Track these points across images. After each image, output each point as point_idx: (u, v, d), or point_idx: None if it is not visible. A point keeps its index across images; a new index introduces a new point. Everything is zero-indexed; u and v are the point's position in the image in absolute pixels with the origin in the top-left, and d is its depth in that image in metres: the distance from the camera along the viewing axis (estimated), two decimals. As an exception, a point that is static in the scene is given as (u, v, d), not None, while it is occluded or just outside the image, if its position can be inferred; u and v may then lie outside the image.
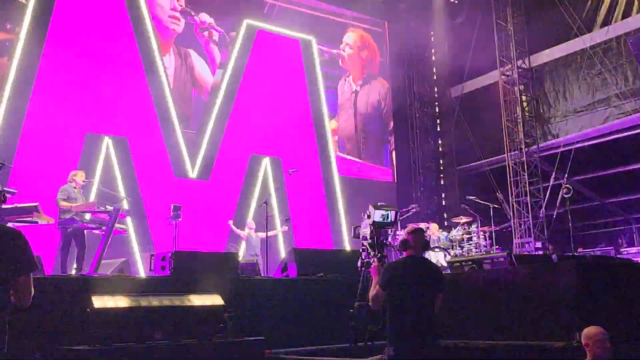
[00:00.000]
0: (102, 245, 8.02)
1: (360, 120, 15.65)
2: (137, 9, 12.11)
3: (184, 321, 4.82)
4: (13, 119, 10.36)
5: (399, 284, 4.37)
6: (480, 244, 12.29)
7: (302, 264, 7.66)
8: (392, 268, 4.53)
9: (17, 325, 3.33)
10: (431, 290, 4.44)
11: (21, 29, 10.71)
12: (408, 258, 4.52)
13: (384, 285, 4.37)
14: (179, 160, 12.20)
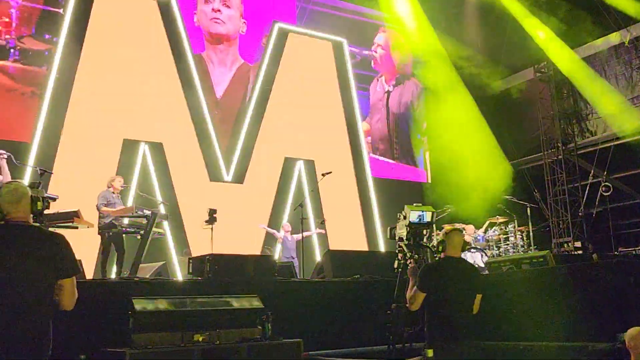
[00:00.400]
0: (141, 249, 8.15)
1: (393, 121, 15.58)
2: (169, 13, 12.28)
3: (222, 323, 4.87)
4: (53, 127, 10.60)
5: (437, 286, 4.35)
6: (518, 244, 12.13)
7: (338, 266, 7.66)
8: (430, 269, 4.51)
9: (61, 328, 3.41)
10: (470, 291, 4.40)
11: (59, 39, 10.95)
12: (446, 259, 4.49)
13: (422, 286, 4.35)
14: (214, 164, 12.32)
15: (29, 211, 3.40)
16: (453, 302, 4.31)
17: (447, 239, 4.49)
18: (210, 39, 12.98)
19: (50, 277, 3.32)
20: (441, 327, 4.31)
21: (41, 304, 3.26)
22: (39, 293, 3.26)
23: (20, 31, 10.70)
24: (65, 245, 3.40)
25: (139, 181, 11.11)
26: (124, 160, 11.16)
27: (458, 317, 4.30)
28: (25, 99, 10.63)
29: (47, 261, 3.30)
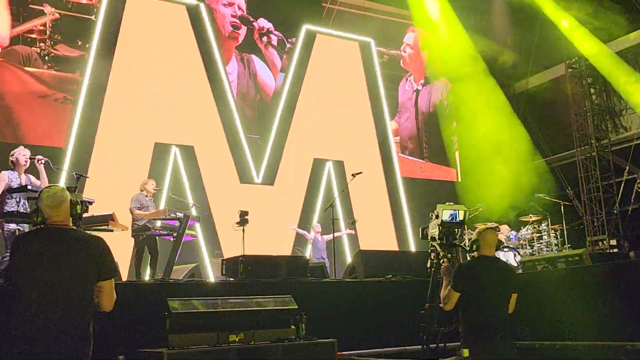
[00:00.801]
0: (174, 251, 8.25)
1: (422, 120, 15.51)
2: (199, 20, 12.41)
3: (257, 323, 4.90)
4: (86, 132, 10.80)
5: (471, 285, 4.31)
6: (552, 243, 11.96)
7: (370, 266, 7.66)
8: (465, 269, 4.47)
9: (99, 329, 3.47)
10: (505, 291, 4.36)
11: (91, 45, 11.15)
12: (480, 258, 4.45)
13: (456, 286, 4.32)
14: (244, 166, 12.40)
15: (68, 215, 3.47)
16: (488, 301, 4.27)
17: (480, 237, 4.44)
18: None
19: (91, 279, 3.38)
20: (476, 326, 4.27)
21: (82, 306, 3.32)
22: (80, 295, 3.33)
23: (54, 39, 10.92)
24: (105, 248, 3.46)
25: (171, 184, 11.24)
26: (155, 163, 11.31)
27: (493, 317, 4.25)
28: (59, 105, 10.84)
29: (87, 264, 3.36)
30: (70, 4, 11.24)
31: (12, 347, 3.19)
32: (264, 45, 13.39)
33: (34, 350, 3.15)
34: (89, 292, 3.38)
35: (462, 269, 4.44)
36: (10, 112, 10.33)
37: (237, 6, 13.15)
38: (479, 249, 4.44)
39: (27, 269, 3.28)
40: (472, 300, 4.28)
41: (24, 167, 7.16)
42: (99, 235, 3.61)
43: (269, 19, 13.49)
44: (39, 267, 3.27)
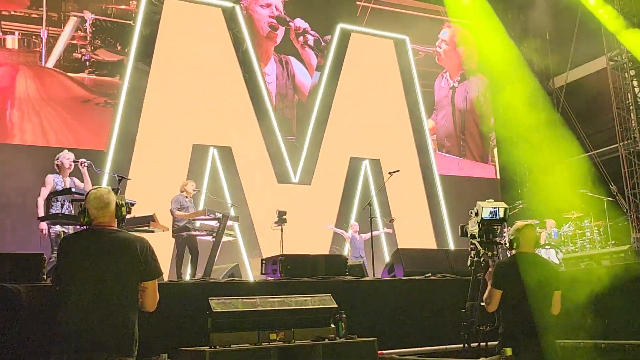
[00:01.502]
0: (214, 251, 8.35)
1: (459, 117, 15.35)
2: (235, 22, 12.53)
3: (297, 322, 4.93)
4: (127, 135, 11.00)
5: (512, 283, 4.26)
6: (595, 240, 11.70)
7: (409, 264, 7.62)
8: (504, 266, 4.42)
9: (142, 328, 3.54)
10: (546, 288, 4.29)
11: (130, 49, 11.36)
12: (520, 255, 4.39)
13: (497, 284, 4.28)
14: (281, 166, 12.47)
15: (114, 216, 3.55)
16: (529, 298, 4.20)
17: (520, 235, 4.40)
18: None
19: (135, 279, 3.45)
20: (518, 324, 4.22)
21: (128, 305, 3.39)
22: (125, 295, 3.40)
23: (94, 44, 11.16)
24: (149, 249, 3.53)
25: (209, 185, 11.37)
26: (194, 164, 11.46)
27: (535, 314, 4.19)
28: (100, 109, 11.08)
29: (132, 264, 3.43)
30: (109, 9, 11.46)
31: (60, 346, 3.27)
32: (300, 45, 13.44)
33: (82, 349, 3.23)
34: (133, 292, 3.45)
35: (502, 267, 4.39)
36: (54, 117, 10.61)
37: (275, 7, 13.22)
38: (518, 247, 4.39)
39: (74, 269, 3.36)
40: (513, 298, 4.23)
41: (68, 171, 7.35)
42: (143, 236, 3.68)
43: (305, 19, 13.53)
44: (85, 268, 3.35)
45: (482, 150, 15.59)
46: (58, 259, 3.50)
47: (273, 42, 13.18)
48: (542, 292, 4.26)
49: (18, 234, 9.47)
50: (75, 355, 3.23)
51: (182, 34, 11.90)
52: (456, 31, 15.67)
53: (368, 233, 10.48)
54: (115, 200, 3.55)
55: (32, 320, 4.67)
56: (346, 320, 5.24)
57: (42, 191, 7.10)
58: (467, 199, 6.94)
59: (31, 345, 4.60)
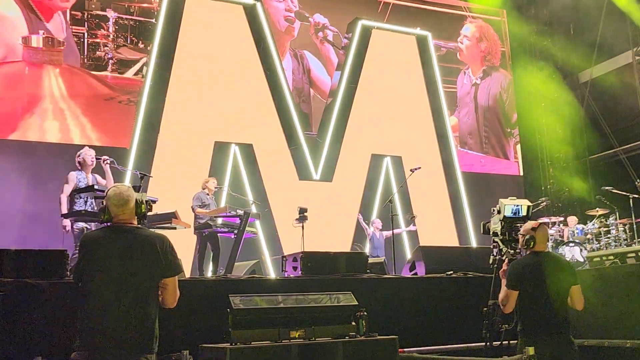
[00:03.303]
0: (235, 248, 8.39)
1: (482, 114, 15.21)
2: (256, 18, 12.54)
3: (317, 320, 4.91)
4: (149, 132, 11.10)
5: (528, 283, 4.29)
6: (620, 237, 11.53)
7: (430, 262, 7.57)
8: (519, 266, 4.44)
9: (163, 324, 3.56)
10: (563, 284, 4.30)
11: (152, 48, 11.44)
12: (533, 254, 4.43)
13: (513, 284, 4.30)
14: (303, 163, 12.47)
15: (134, 213, 3.58)
16: (546, 296, 4.24)
17: (535, 234, 4.43)
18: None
19: (155, 276, 3.48)
20: (537, 322, 4.24)
21: (149, 302, 3.43)
22: (147, 291, 3.43)
23: (117, 42, 11.26)
24: (169, 246, 3.56)
25: (231, 182, 11.41)
26: (215, 162, 11.52)
27: (553, 312, 4.23)
28: (123, 106, 11.19)
29: (152, 261, 3.46)
30: (132, 8, 11.56)
31: (81, 343, 3.31)
32: (320, 41, 13.42)
33: (103, 345, 3.27)
34: (154, 289, 3.49)
35: (517, 267, 4.41)
36: (77, 115, 10.73)
37: (290, 0, 13.22)
38: (534, 246, 4.40)
39: (95, 266, 3.40)
40: (530, 297, 4.26)
41: (90, 167, 7.43)
42: (163, 234, 3.70)
43: (324, 14, 13.51)
44: (106, 265, 3.39)
45: (505, 146, 15.44)
46: (79, 255, 3.53)
47: (290, 35, 13.19)
48: (558, 289, 4.28)
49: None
50: (96, 352, 3.27)
51: (203, 32, 11.96)
52: (478, 26, 15.53)
53: (389, 231, 10.45)
54: (135, 197, 3.58)
55: (55, 317, 4.72)
56: (367, 318, 5.22)
57: (65, 188, 7.19)
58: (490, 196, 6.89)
59: (53, 342, 4.65)
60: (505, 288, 4.35)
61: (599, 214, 11.91)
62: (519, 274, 4.33)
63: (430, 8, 14.98)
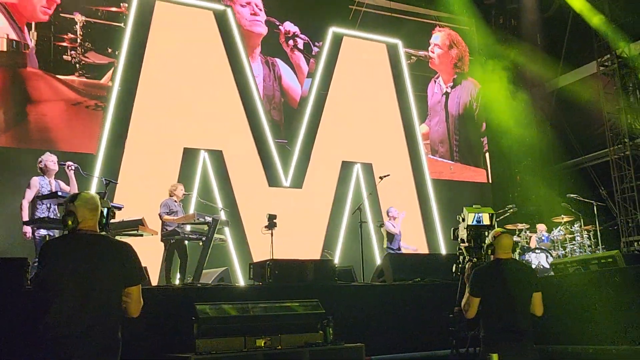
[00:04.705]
0: (203, 255, 8.32)
1: (453, 122, 15.36)
2: (226, 25, 12.50)
3: (284, 328, 4.90)
4: (117, 138, 10.93)
5: (489, 290, 4.33)
6: (585, 244, 11.74)
7: (398, 269, 7.61)
8: (481, 273, 4.48)
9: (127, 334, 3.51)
10: (524, 291, 4.35)
11: (121, 52, 11.32)
12: (495, 261, 4.48)
13: (474, 291, 4.33)
14: (272, 170, 12.44)
15: (97, 221, 3.53)
16: (507, 303, 4.28)
17: (495, 242, 4.47)
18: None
19: (119, 285, 3.43)
20: (499, 329, 4.27)
21: (112, 311, 3.38)
22: (110, 300, 3.38)
23: (84, 46, 11.11)
24: (133, 254, 3.51)
25: (200, 188, 11.32)
26: (185, 168, 11.41)
27: (514, 319, 4.26)
28: (91, 111, 11.01)
29: (115, 270, 3.42)
30: (100, 12, 11.42)
31: (44, 352, 3.25)
32: (290, 49, 13.42)
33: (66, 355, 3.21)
34: (118, 298, 3.44)
35: (479, 273, 4.45)
36: (43, 119, 10.53)
37: (254, 4, 13.19)
38: (494, 253, 4.45)
39: (58, 274, 3.33)
40: (491, 304, 4.29)
41: (53, 172, 7.30)
42: (127, 241, 3.66)
43: (295, 22, 13.51)
44: (70, 273, 3.32)
45: (475, 154, 15.61)
46: (41, 264, 3.45)
47: (258, 43, 13.13)
48: (519, 296, 4.32)
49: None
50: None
51: (173, 37, 11.85)
52: (448, 34, 15.71)
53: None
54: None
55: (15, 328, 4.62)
56: (334, 326, 5.22)
57: (27, 193, 7.04)
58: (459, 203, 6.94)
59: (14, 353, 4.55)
60: (467, 294, 4.39)
61: (564, 221, 12.11)
62: (480, 280, 4.37)
63: (401, 16, 15.09)
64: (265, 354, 4.63)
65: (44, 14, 10.86)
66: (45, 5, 10.84)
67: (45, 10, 10.86)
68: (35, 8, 10.78)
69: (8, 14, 10.46)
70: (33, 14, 10.76)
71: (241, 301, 5.21)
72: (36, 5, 10.78)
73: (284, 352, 4.73)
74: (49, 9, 10.88)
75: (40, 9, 10.81)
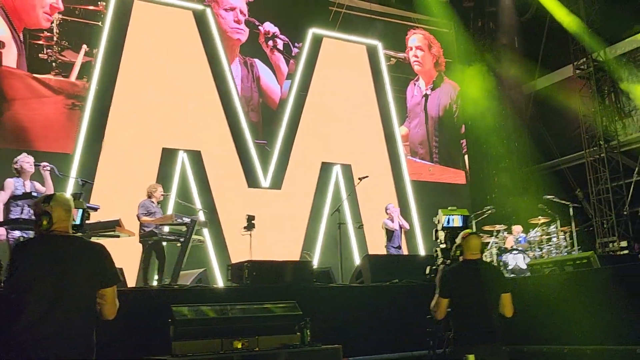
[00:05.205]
0: (181, 256, 8.25)
1: (432, 124, 15.45)
2: (206, 25, 12.44)
3: (261, 330, 4.88)
4: (94, 138, 10.82)
5: (457, 290, 4.35)
6: (561, 245, 11.87)
7: (377, 270, 7.63)
8: (448, 274, 4.50)
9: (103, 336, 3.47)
10: (492, 293, 4.38)
11: (98, 51, 11.20)
12: (464, 262, 4.51)
13: (442, 292, 4.36)
14: (252, 170, 12.40)
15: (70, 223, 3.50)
16: (475, 304, 4.31)
17: (463, 243, 4.50)
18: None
19: (93, 286, 3.40)
20: (468, 330, 4.29)
21: (86, 313, 3.35)
22: (84, 302, 3.35)
23: (61, 44, 10.98)
24: (106, 255, 3.48)
25: (178, 189, 11.25)
26: (163, 169, 11.32)
27: (482, 319, 4.28)
28: (67, 110, 10.88)
29: (89, 271, 3.38)
30: (78, 10, 11.29)
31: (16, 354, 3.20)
32: (270, 49, 13.39)
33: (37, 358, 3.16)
34: (92, 300, 3.41)
35: (447, 274, 4.48)
36: (18, 119, 10.37)
37: (239, 10, 13.15)
38: (462, 254, 4.48)
39: (30, 276, 3.29)
40: (460, 305, 4.32)
41: (29, 174, 7.19)
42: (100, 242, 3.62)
43: (275, 23, 13.49)
44: (43, 275, 3.29)
45: (454, 156, 15.71)
46: (13, 266, 3.40)
47: (238, 40, 13.08)
48: (489, 296, 4.35)
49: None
50: (32, 366, 3.16)
51: (151, 36, 11.77)
52: (427, 38, 15.80)
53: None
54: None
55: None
56: (312, 327, 5.21)
57: (1, 195, 6.93)
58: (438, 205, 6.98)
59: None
60: (436, 295, 4.41)
61: (541, 222, 12.24)
62: (448, 281, 4.40)
63: (381, 18, 15.15)
64: (243, 356, 4.61)
65: (47, 21, 10.87)
66: (48, 12, 10.80)
67: (47, 17, 10.87)
68: (38, 15, 10.75)
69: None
70: (36, 21, 10.77)
71: (219, 303, 5.18)
72: (38, 12, 10.71)
73: (261, 354, 4.72)
74: (50, 15, 10.89)
75: (43, 16, 10.80)
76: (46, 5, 10.86)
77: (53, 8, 10.92)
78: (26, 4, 10.71)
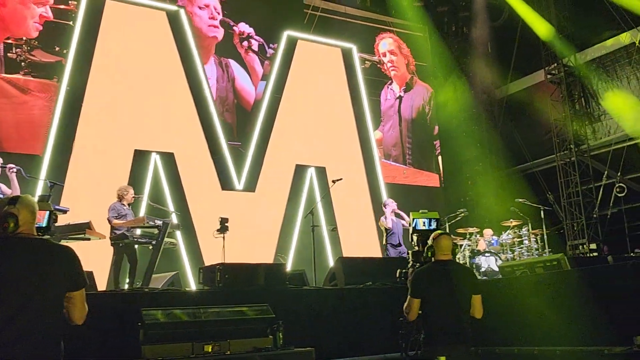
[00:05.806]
0: (153, 259, 8.16)
1: (405, 126, 15.53)
2: (179, 25, 12.35)
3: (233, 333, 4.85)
4: (64, 139, 10.65)
5: (428, 291, 4.36)
6: (532, 248, 12.02)
7: (350, 273, 7.63)
8: (420, 274, 4.51)
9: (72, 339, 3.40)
10: (462, 294, 4.38)
11: (69, 51, 11.04)
12: (435, 263, 4.50)
13: (414, 292, 4.36)
14: (226, 173, 12.32)
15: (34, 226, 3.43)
16: (445, 305, 4.31)
17: (435, 244, 4.51)
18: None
19: (60, 290, 3.32)
20: (439, 331, 4.29)
21: (51, 317, 3.26)
22: (52, 307, 3.26)
23: (30, 44, 10.79)
24: (75, 257, 3.40)
25: (151, 191, 11.13)
26: (135, 170, 11.19)
27: (452, 320, 4.29)
28: (36, 111, 10.70)
29: (55, 274, 3.30)
30: (48, 9, 11.12)
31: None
32: (245, 50, 13.33)
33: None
34: (59, 303, 3.32)
35: (418, 275, 4.48)
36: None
37: (213, 7, 13.08)
38: (434, 255, 4.48)
39: (-4, 279, 3.21)
40: (430, 306, 4.32)
41: (-4, 176, 7.06)
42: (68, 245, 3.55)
43: (250, 24, 13.44)
44: (8, 278, 3.20)
45: (427, 158, 15.81)
46: (-24, 269, 3.32)
47: (214, 39, 13.01)
48: (458, 298, 4.35)
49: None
50: (-3, 370, 3.08)
51: (123, 36, 11.64)
52: (401, 42, 15.89)
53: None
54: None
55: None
56: (284, 330, 5.19)
57: (-34, 197, 6.78)
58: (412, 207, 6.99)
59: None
60: (408, 296, 4.41)
61: (513, 225, 12.38)
62: (420, 281, 4.40)
63: (355, 22, 15.20)
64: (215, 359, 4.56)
65: (36, 30, 10.78)
66: (38, 22, 10.71)
67: (37, 27, 10.78)
68: (28, 25, 10.67)
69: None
70: (25, 32, 10.68)
71: (190, 306, 5.12)
72: (29, 23, 10.61)
73: (233, 358, 4.68)
74: (40, 25, 10.79)
75: (33, 26, 10.72)
76: (36, 15, 10.74)
77: (42, 17, 10.81)
78: (17, 15, 10.58)
